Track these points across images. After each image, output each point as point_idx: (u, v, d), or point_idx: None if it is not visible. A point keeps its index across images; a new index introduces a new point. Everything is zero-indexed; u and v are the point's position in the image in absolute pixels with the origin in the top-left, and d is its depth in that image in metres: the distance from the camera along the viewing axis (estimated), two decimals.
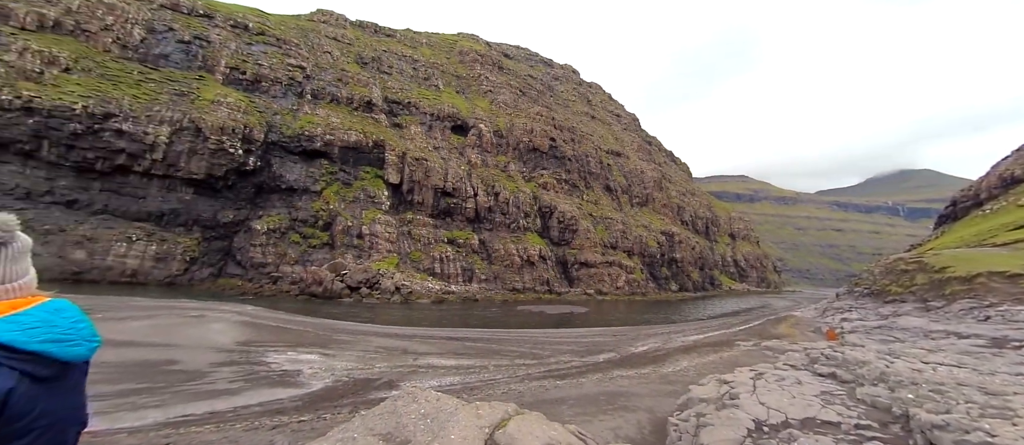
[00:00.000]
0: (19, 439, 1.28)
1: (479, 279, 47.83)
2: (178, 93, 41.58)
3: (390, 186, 49.11)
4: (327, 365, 15.84)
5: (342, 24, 67.79)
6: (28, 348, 1.34)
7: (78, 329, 1.48)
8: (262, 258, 39.74)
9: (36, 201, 34.25)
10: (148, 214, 37.76)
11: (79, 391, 1.50)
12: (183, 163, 38.94)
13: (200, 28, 47.85)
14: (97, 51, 40.88)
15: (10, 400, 1.26)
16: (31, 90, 34.70)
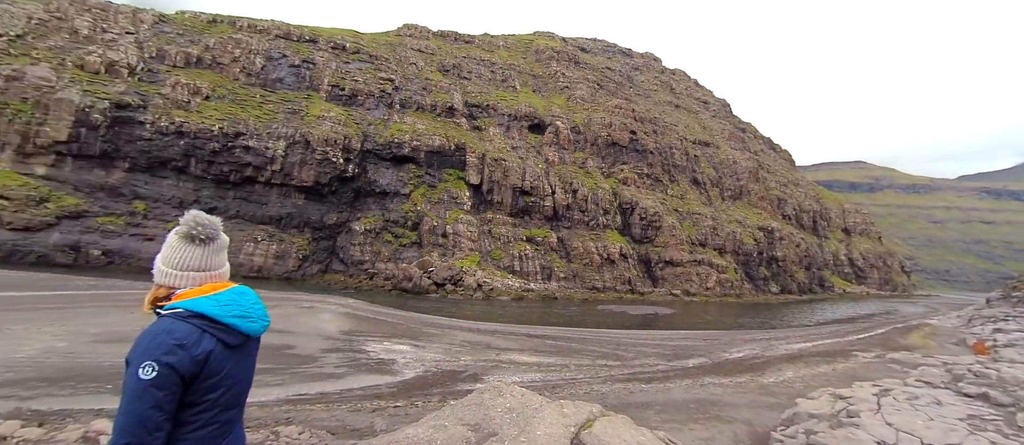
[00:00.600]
0: (212, 392, 1.65)
1: (558, 277, 47.80)
2: (291, 111, 47.21)
3: (471, 187, 51.02)
4: (418, 356, 17.00)
5: (426, 35, 71.79)
6: (222, 320, 1.70)
7: (256, 309, 1.84)
8: (360, 256, 43.68)
9: (187, 208, 40.97)
10: (269, 218, 43.42)
11: (253, 360, 1.88)
12: (296, 172, 44.14)
13: (307, 52, 53.81)
14: (229, 80, 47.91)
15: (209, 359, 1.63)
16: (181, 116, 41.74)
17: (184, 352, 1.56)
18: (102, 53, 42.54)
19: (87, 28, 45.17)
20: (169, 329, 1.59)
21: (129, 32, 47.01)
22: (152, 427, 1.46)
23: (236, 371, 1.74)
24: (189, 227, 1.83)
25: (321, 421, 8.74)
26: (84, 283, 26.10)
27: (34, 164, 37.10)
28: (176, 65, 46.08)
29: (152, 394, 1.48)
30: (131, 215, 38.70)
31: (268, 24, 55.89)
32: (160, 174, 40.98)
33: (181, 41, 48.56)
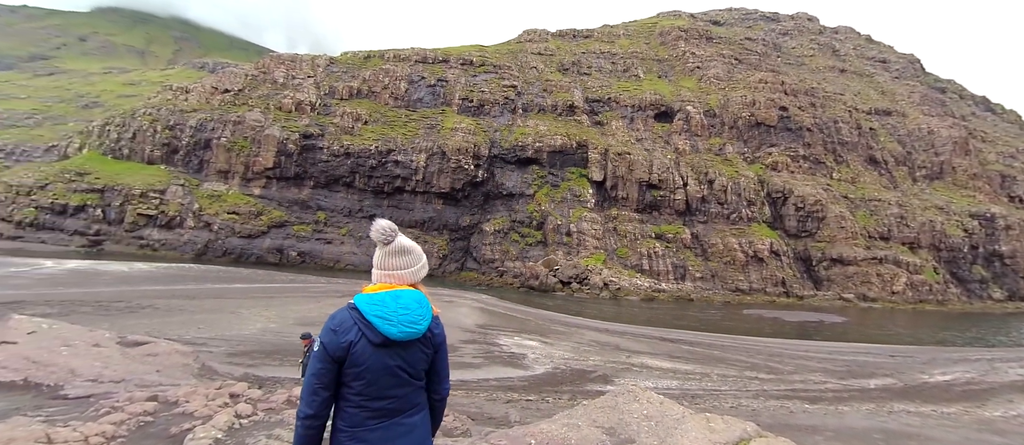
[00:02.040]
0: (357, 380, 1.86)
1: (693, 277, 44.14)
2: (429, 126, 52.84)
3: (594, 184, 50.33)
4: (547, 352, 17.53)
5: (544, 38, 73.14)
6: (366, 316, 1.88)
7: (400, 315, 1.90)
8: (491, 255, 46.70)
9: (354, 216, 49.18)
10: (415, 222, 49.30)
11: (407, 361, 1.96)
12: (435, 181, 49.26)
13: (440, 72, 59.55)
14: (381, 105, 55.77)
15: (352, 348, 1.84)
16: (348, 140, 50.03)
17: (335, 336, 1.84)
18: (292, 95, 53.48)
19: (282, 77, 57.27)
20: (335, 315, 1.91)
21: (310, 76, 58.17)
22: (310, 389, 1.83)
23: (381, 366, 1.87)
24: (375, 233, 2.08)
25: (462, 406, 9.63)
26: (285, 278, 33.22)
27: (253, 186, 48.50)
28: (343, 98, 55.41)
29: (314, 364, 1.85)
30: (316, 223, 47.86)
31: (409, 52, 63.38)
32: (335, 189, 49.77)
33: (346, 77, 58.21)
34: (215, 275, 31.11)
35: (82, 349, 7.88)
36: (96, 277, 24.62)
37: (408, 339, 1.91)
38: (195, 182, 48.02)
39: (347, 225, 48.19)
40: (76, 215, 43.37)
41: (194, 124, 49.93)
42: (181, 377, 8.20)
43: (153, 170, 48.03)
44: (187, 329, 15.32)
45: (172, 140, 49.51)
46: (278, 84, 56.31)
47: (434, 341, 2.07)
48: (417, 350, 1.98)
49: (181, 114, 50.96)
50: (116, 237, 43.09)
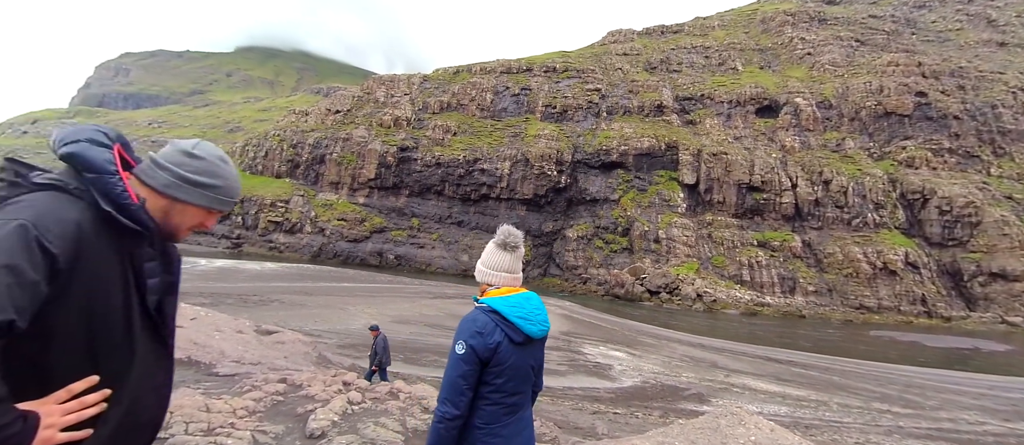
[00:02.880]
0: (499, 377, 1.99)
1: (805, 290, 39.35)
2: (513, 134, 54.15)
3: (685, 187, 47.43)
4: (634, 364, 16.92)
5: (630, 38, 70.97)
6: (509, 318, 2.01)
7: (537, 313, 2.09)
8: (574, 261, 46.25)
9: (444, 222, 52.05)
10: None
11: (537, 358, 2.19)
12: (518, 187, 50.25)
13: (524, 81, 60.76)
14: (468, 116, 58.48)
15: (498, 349, 1.96)
16: (438, 151, 53.20)
17: (482, 338, 1.94)
18: (391, 112, 58.36)
19: (383, 96, 62.80)
20: (475, 319, 2.01)
21: (406, 93, 63.04)
22: (458, 391, 1.92)
23: (519, 364, 2.03)
24: (503, 237, 2.19)
25: (548, 413, 9.71)
26: (384, 279, 36.17)
27: (358, 196, 53.73)
28: (435, 112, 59.13)
29: (460, 366, 1.93)
30: (410, 229, 51.52)
31: (495, 64, 65.68)
32: (427, 197, 53.18)
33: (437, 92, 62.08)
34: (327, 275, 34.96)
35: (229, 334, 9.44)
36: (236, 274, 29.13)
37: (542, 337, 2.11)
38: (312, 193, 54.60)
39: (438, 231, 51.17)
40: (223, 222, 51.74)
41: (312, 142, 56.85)
42: (303, 363, 9.42)
43: (280, 183, 55.60)
44: (306, 321, 17.44)
45: (294, 157, 56.89)
46: (379, 102, 61.87)
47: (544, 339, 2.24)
48: (540, 347, 2.18)
49: (301, 134, 58.36)
50: (252, 240, 50.58)
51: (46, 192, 1.07)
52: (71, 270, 1.00)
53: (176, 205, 1.25)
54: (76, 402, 1.03)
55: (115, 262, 1.11)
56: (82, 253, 1.02)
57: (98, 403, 1.06)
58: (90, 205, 1.08)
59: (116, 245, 1.11)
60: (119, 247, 1.12)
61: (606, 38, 73.15)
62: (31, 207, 1.00)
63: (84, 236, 1.04)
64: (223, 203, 1.32)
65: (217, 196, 1.30)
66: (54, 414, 0.99)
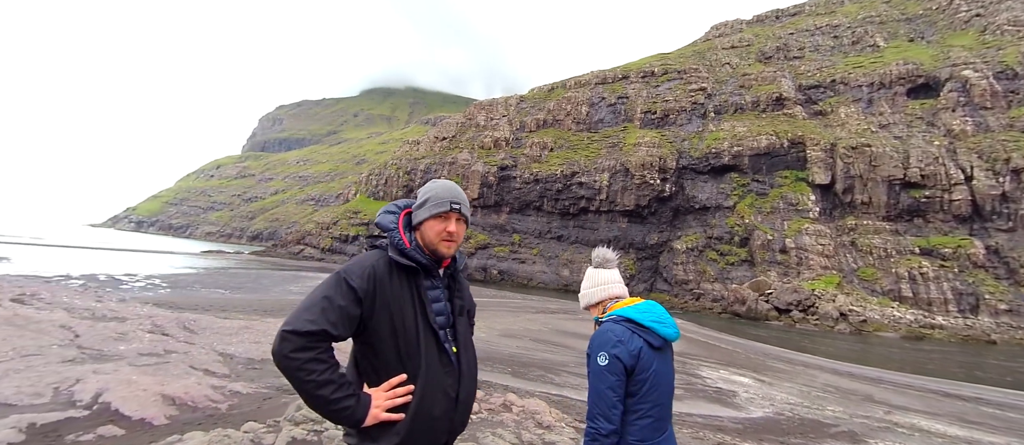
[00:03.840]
0: (644, 385, 1.98)
1: (994, 309, 31.21)
2: (611, 145, 52.89)
3: (818, 188, 41.32)
4: (764, 393, 15.07)
5: (738, 29, 65.05)
6: (644, 324, 2.02)
7: (667, 317, 2.11)
8: (684, 275, 42.97)
9: (543, 237, 52.50)
10: (600, 241, 49.20)
11: (672, 365, 2.18)
12: (618, 199, 48.68)
13: (620, 89, 59.23)
14: (564, 131, 58.72)
15: (640, 355, 1.96)
16: (536, 168, 54.16)
17: (623, 346, 1.94)
18: (491, 134, 61.23)
19: (483, 120, 66.27)
20: (611, 330, 2.02)
21: (504, 115, 65.71)
22: (608, 403, 1.90)
23: (662, 370, 2.03)
24: (599, 260, 2.29)
25: None
26: (489, 293, 37.54)
27: None
28: (531, 130, 60.56)
29: (606, 377, 1.92)
30: (512, 245, 52.96)
31: (589, 76, 65.25)
32: (526, 213, 54.32)
33: (533, 111, 63.60)
34: None
35: None
36: None
37: (675, 340, 2.11)
38: None
39: (538, 246, 51.77)
40: (353, 242, 58.86)
41: (422, 168, 62.14)
42: None
43: None
44: None
45: (409, 182, 62.67)
46: (480, 126, 65.40)
47: None
48: (670, 355, 2.15)
49: (414, 161, 64.18)
50: None
51: (372, 250, 1.63)
52: (372, 300, 1.48)
53: (422, 229, 1.65)
54: (392, 392, 1.48)
55: (407, 292, 1.55)
56: (378, 287, 1.50)
57: (406, 394, 1.48)
58: (384, 254, 1.58)
59: (408, 280, 1.56)
60: (410, 281, 1.56)
61: (709, 33, 68.07)
62: (352, 261, 1.56)
63: (378, 276, 1.51)
64: (441, 204, 1.65)
65: (433, 202, 1.66)
66: (380, 397, 1.47)
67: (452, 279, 1.73)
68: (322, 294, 1.44)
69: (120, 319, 8.14)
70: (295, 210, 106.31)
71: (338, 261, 56.19)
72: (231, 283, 27.31)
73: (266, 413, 5.02)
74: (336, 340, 1.44)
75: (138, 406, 4.67)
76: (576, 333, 19.15)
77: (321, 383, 1.36)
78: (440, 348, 1.58)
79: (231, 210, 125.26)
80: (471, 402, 1.69)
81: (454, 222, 1.65)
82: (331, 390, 1.37)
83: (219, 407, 5.15)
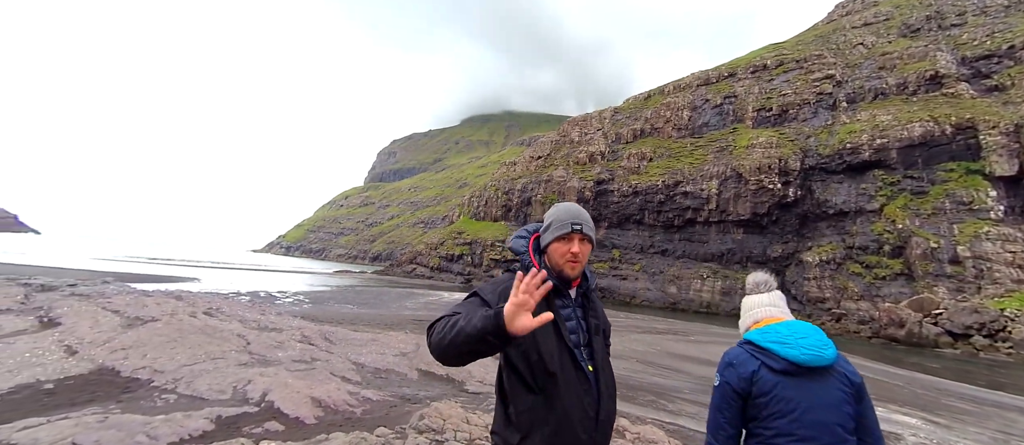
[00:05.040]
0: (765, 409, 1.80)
1: None
2: (719, 150, 48.69)
3: (1000, 182, 33.08)
4: (940, 437, 12.29)
5: (870, 2, 56.00)
6: (762, 345, 1.90)
7: (798, 337, 1.88)
8: (818, 293, 37.17)
9: (646, 252, 49.81)
10: (711, 255, 45.32)
11: (831, 396, 1.81)
12: (731, 208, 44.33)
13: (726, 88, 54.57)
14: (663, 139, 55.70)
15: (754, 378, 1.85)
16: (635, 179, 52.00)
17: (733, 370, 1.90)
18: (586, 149, 60.58)
19: (577, 135, 65.96)
20: (728, 353, 1.99)
21: (598, 128, 64.68)
22: (716, 425, 1.90)
23: (800, 401, 1.79)
24: (749, 286, 2.22)
25: None
26: None
27: None
28: (628, 141, 58.60)
29: (715, 398, 1.94)
30: (611, 261, 51.16)
31: (689, 78, 61.36)
32: (626, 227, 52.22)
33: (629, 121, 61.60)
34: None
35: None
36: None
37: (814, 364, 1.81)
38: None
39: (639, 261, 49.23)
40: (458, 261, 62.20)
41: (519, 188, 63.71)
42: None
43: (497, 225, 63.80)
44: None
45: (507, 202, 64.66)
46: (574, 142, 65.20)
47: (852, 381, 1.87)
48: (833, 387, 1.82)
49: (511, 181, 66.15)
50: (478, 276, 58.98)
51: (506, 273, 1.75)
52: None
53: (549, 252, 1.74)
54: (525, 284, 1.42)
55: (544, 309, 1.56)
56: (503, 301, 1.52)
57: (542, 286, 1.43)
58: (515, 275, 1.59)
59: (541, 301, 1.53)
60: (543, 301, 1.56)
61: (834, 12, 59.65)
62: (486, 282, 1.71)
63: (506, 291, 1.59)
64: (563, 226, 1.72)
65: (556, 224, 1.74)
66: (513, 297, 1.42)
67: (585, 298, 1.79)
68: (458, 306, 1.60)
69: (277, 330, 9.52)
70: (408, 233, 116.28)
71: (445, 278, 59.78)
72: (358, 299, 30.61)
73: (393, 420, 5.44)
74: None
75: (293, 406, 5.40)
76: (689, 356, 17.61)
77: (459, 327, 1.44)
78: (577, 367, 1.61)
79: (356, 234, 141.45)
80: (611, 423, 1.69)
81: (577, 243, 1.70)
82: (466, 321, 1.43)
83: (355, 411, 5.72)
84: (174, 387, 5.94)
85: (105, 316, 7.60)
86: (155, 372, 6.27)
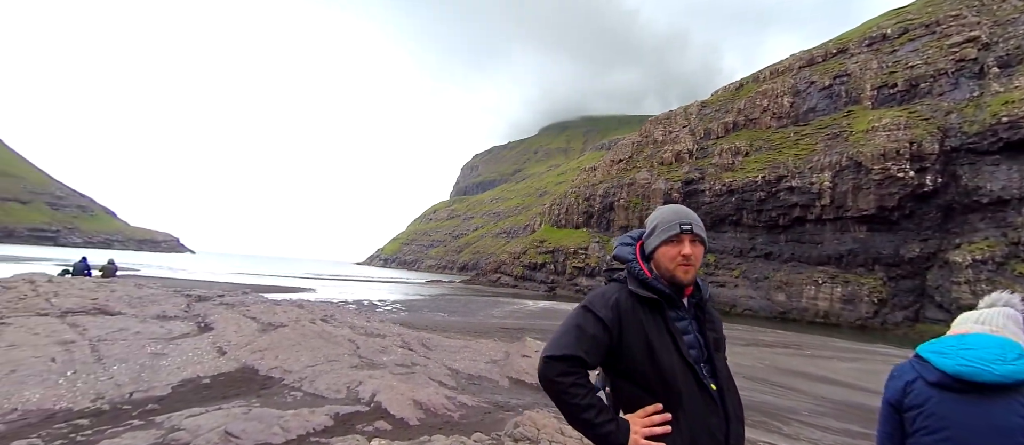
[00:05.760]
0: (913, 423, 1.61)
1: None
2: (830, 137, 43.11)
3: None
4: None
5: None
6: (922, 355, 1.71)
7: (962, 350, 1.62)
8: (972, 299, 30.78)
9: (746, 256, 45.48)
10: (827, 257, 40.00)
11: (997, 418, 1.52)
12: (850, 202, 38.85)
13: (836, 67, 48.30)
14: (761, 131, 50.77)
15: (908, 389, 1.67)
16: (729, 177, 47.97)
17: (894, 380, 1.77)
18: (671, 148, 57.43)
19: (661, 135, 62.85)
20: (896, 366, 1.84)
21: (684, 125, 61.02)
22: (878, 439, 1.77)
23: (953, 417, 1.56)
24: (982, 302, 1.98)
25: None
26: None
27: None
28: (719, 136, 54.44)
29: (880, 416, 1.79)
30: (706, 266, 47.53)
31: (789, 61, 55.44)
32: (721, 229, 48.29)
33: (719, 115, 57.25)
34: None
35: None
36: (554, 313, 33.95)
37: (975, 379, 1.53)
38: (606, 238, 58.99)
39: (739, 266, 45.08)
40: (541, 269, 62.36)
41: (601, 193, 62.28)
42: None
43: (579, 233, 62.92)
44: None
45: (588, 208, 63.54)
46: (658, 142, 62.21)
47: None
48: (1010, 411, 1.49)
49: (592, 187, 64.95)
50: (561, 284, 58.51)
51: (611, 283, 1.61)
52: (619, 330, 1.47)
53: (656, 258, 1.58)
54: (648, 419, 1.42)
55: (654, 323, 1.48)
56: (622, 319, 1.47)
57: (663, 425, 1.41)
58: (624, 287, 1.54)
59: (653, 313, 1.49)
60: (655, 314, 1.49)
61: None
62: (594, 293, 1.58)
63: (622, 307, 1.48)
64: (671, 226, 1.57)
65: (662, 227, 1.59)
66: (637, 424, 1.41)
67: (699, 309, 1.61)
68: (574, 323, 1.49)
69: (381, 336, 10.30)
70: (491, 243, 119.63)
71: (529, 287, 60.21)
72: (448, 307, 32.05)
73: (489, 426, 5.56)
74: (589, 367, 1.47)
75: (398, 407, 5.78)
76: (805, 373, 15.58)
77: (584, 406, 1.40)
78: (700, 386, 1.46)
79: (444, 246, 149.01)
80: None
81: (688, 244, 1.54)
82: (594, 414, 1.39)
83: (452, 415, 5.95)
84: (300, 385, 6.65)
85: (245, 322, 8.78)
86: (285, 372, 7.08)
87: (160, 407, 5.33)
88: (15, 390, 5.30)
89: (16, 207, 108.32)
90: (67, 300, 8.38)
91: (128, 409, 5.26)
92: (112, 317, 8.05)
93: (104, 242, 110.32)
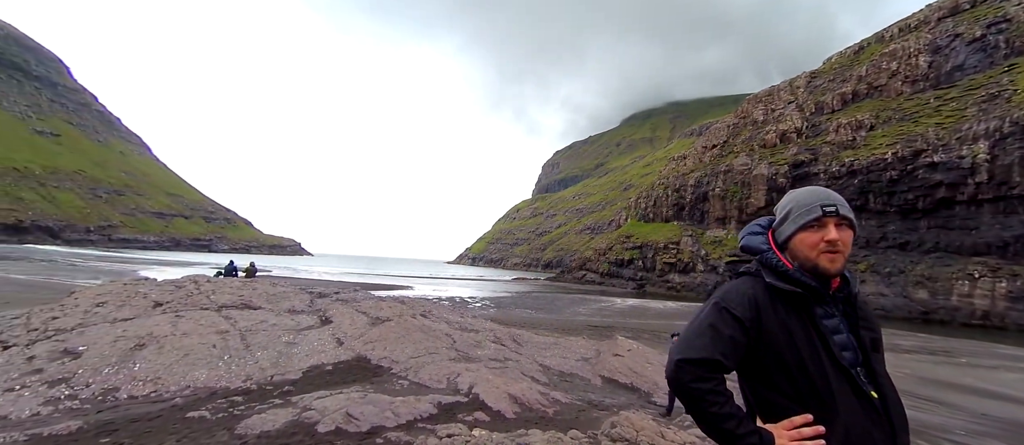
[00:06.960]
0: None
1: None
2: (986, 99, 35.62)
3: None
4: None
5: None
6: None
7: None
8: None
9: (874, 248, 39.36)
10: (986, 246, 33.07)
11: None
12: (1016, 177, 31.75)
13: (990, 13, 39.74)
14: (890, 99, 43.59)
15: None
16: (849, 156, 41.92)
17: None
18: (774, 128, 51.77)
19: (762, 115, 56.97)
20: None
21: (790, 101, 54.62)
22: None
23: None
24: None
25: None
26: None
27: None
28: (834, 110, 47.87)
29: None
30: None
31: (924, 12, 46.88)
32: None
33: (834, 85, 50.32)
34: None
35: (658, 367, 10.43)
36: (644, 311, 32.58)
37: None
38: (700, 231, 55.09)
39: (866, 259, 39.15)
40: (628, 266, 60.16)
41: (692, 183, 58.28)
42: None
43: (669, 227, 59.56)
44: None
45: (679, 200, 59.84)
46: (758, 123, 56.51)
47: None
48: None
49: (682, 177, 61.06)
50: (651, 281, 55.87)
51: (741, 278, 1.45)
52: (758, 329, 1.32)
53: (791, 247, 1.39)
54: (796, 431, 1.27)
55: (798, 322, 1.32)
56: (761, 317, 1.32)
57: (814, 438, 1.26)
58: (759, 280, 1.39)
59: (795, 310, 1.33)
60: (798, 311, 1.33)
61: None
62: (725, 289, 1.42)
63: (760, 304, 1.34)
64: (810, 209, 1.37)
65: (798, 211, 1.39)
66: (783, 436, 1.27)
67: (848, 304, 1.39)
68: (707, 323, 1.34)
69: (474, 331, 10.76)
70: (575, 239, 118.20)
71: (616, 284, 58.48)
72: (534, 304, 32.38)
73: (584, 424, 5.52)
74: (726, 371, 1.32)
75: (495, 400, 6.00)
76: (958, 385, 13.09)
77: (724, 415, 1.27)
78: (857, 392, 1.28)
79: (528, 244, 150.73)
80: None
81: (833, 228, 1.33)
82: (734, 424, 1.26)
83: (547, 411, 6.02)
84: (406, 375, 7.17)
85: (358, 316, 9.72)
86: (392, 362, 7.69)
87: (294, 389, 6.10)
88: (188, 371, 6.44)
89: (181, 221, 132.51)
90: (222, 297, 9.96)
91: (270, 389, 6.09)
92: (255, 311, 9.40)
93: (244, 248, 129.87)
